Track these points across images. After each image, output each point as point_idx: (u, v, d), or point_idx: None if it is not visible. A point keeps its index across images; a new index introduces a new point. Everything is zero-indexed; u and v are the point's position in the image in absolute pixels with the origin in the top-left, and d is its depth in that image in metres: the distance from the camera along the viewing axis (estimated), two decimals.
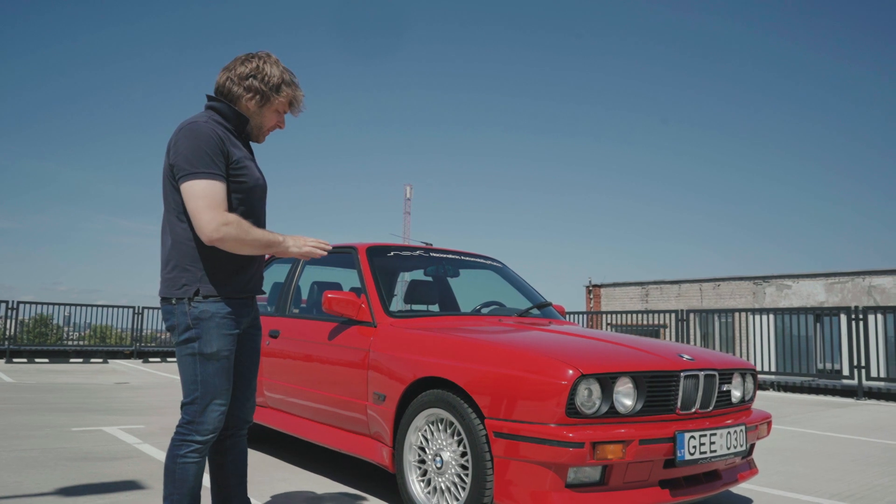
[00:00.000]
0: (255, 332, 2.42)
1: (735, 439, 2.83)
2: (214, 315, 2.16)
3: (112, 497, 3.12)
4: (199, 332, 2.15)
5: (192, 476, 2.16)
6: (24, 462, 3.79)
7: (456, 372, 2.76)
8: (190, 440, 2.16)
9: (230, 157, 2.19)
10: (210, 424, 2.17)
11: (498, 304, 4.13)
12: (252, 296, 2.34)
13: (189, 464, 2.15)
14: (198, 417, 2.16)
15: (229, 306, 2.20)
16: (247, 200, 2.26)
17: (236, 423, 2.38)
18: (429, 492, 2.85)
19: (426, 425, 2.90)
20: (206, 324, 2.15)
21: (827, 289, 19.46)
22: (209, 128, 2.17)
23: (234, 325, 2.22)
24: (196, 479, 2.18)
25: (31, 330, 15.98)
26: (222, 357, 2.18)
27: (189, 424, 2.16)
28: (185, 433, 2.16)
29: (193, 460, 2.16)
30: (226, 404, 2.21)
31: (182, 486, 2.15)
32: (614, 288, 24.54)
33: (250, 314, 2.34)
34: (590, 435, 2.41)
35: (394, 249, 4.00)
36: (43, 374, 10.03)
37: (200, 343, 2.15)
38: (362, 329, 3.40)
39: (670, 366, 2.71)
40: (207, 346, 2.15)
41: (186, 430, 2.17)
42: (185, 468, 2.15)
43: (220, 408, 2.19)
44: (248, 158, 2.29)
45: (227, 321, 2.19)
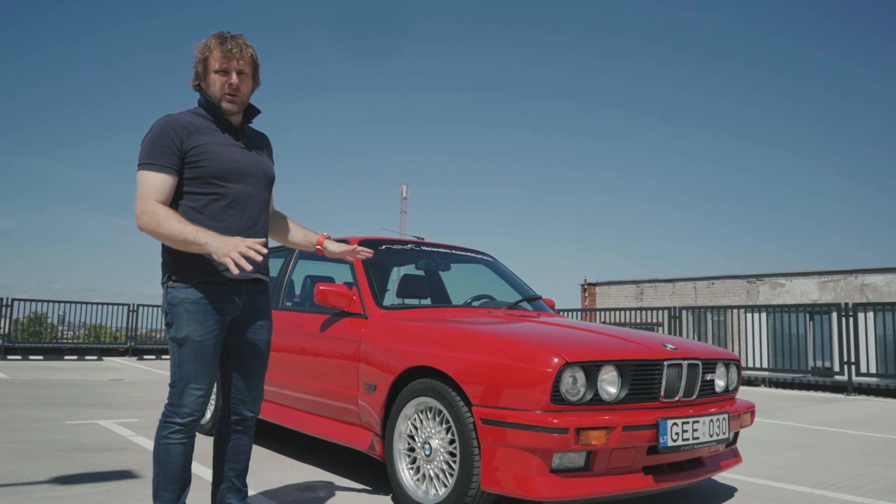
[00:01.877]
0: (257, 322, 2.41)
1: (718, 427, 2.89)
2: (184, 301, 2.22)
3: (107, 485, 3.17)
4: (172, 318, 2.23)
5: (174, 457, 2.21)
6: (19, 453, 3.84)
7: (444, 361, 2.81)
8: (171, 422, 2.22)
9: (185, 144, 2.22)
10: (187, 407, 2.22)
11: (488, 297, 4.19)
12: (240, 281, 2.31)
13: (172, 444, 2.21)
14: (177, 400, 2.22)
15: (202, 292, 2.23)
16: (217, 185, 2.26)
17: (237, 413, 2.42)
18: (418, 479, 2.91)
19: (415, 414, 2.95)
20: (176, 309, 2.22)
21: (820, 287, 19.58)
22: (166, 120, 2.24)
23: (210, 311, 2.23)
24: (179, 461, 2.22)
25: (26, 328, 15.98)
26: (194, 342, 2.21)
27: (171, 406, 2.23)
28: (168, 415, 2.24)
29: (175, 441, 2.21)
30: (204, 389, 2.24)
31: (166, 467, 2.21)
32: (609, 286, 24.63)
33: (241, 301, 2.33)
34: (574, 421, 2.47)
35: (385, 243, 4.06)
36: (37, 371, 10.05)
37: (174, 328, 2.22)
38: (354, 321, 3.45)
39: (654, 355, 2.77)
40: (178, 330, 2.21)
41: (168, 411, 2.24)
42: (167, 448, 2.21)
43: (196, 391, 2.22)
44: (222, 144, 2.29)
45: (197, 307, 2.22)
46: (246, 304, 2.36)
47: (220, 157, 2.27)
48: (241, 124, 2.39)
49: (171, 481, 2.21)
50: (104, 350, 14.35)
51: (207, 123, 2.30)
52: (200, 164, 2.23)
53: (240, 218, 2.32)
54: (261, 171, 2.40)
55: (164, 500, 2.21)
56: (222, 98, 2.28)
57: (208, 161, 2.24)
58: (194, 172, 2.24)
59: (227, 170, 2.28)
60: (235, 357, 2.39)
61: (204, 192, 2.26)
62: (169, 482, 2.21)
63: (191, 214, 2.23)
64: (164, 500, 2.21)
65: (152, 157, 2.19)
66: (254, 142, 2.44)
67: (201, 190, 2.25)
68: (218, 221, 2.25)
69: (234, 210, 2.30)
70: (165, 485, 2.21)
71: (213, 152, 2.26)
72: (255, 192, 2.38)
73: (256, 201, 2.38)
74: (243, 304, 2.35)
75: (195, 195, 2.25)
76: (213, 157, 2.25)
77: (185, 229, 2.12)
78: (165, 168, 2.19)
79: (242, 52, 2.27)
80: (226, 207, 2.28)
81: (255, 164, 2.38)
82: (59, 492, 3.03)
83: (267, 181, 2.44)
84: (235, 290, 2.32)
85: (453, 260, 4.44)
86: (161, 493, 2.21)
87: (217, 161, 2.26)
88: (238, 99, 2.30)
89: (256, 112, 2.42)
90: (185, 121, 2.25)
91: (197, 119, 2.28)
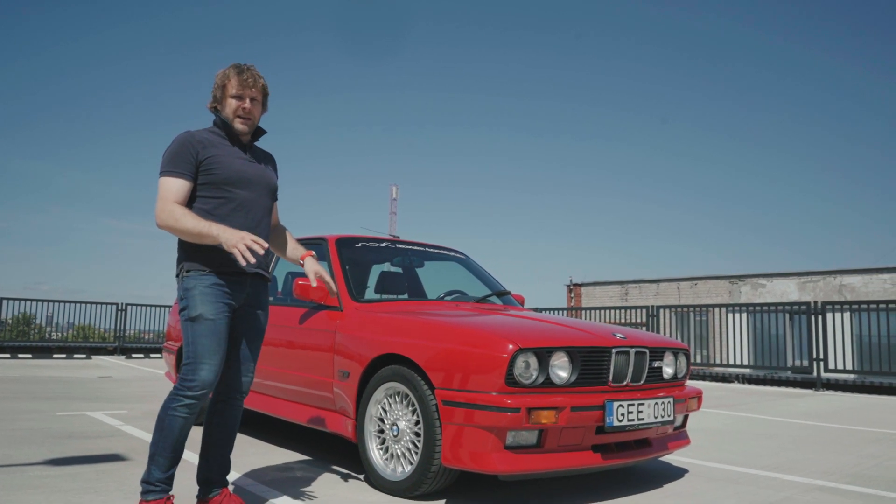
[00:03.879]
0: (256, 312, 2.72)
1: (663, 410, 3.14)
2: (197, 285, 2.51)
3: (97, 466, 3.38)
4: (187, 301, 2.51)
5: (177, 428, 2.44)
6: (12, 440, 4.04)
7: (410, 348, 3.05)
8: (181, 395, 2.44)
9: (201, 155, 2.54)
10: (199, 382, 2.45)
11: (460, 292, 4.42)
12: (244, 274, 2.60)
13: (177, 416, 2.44)
14: (189, 376, 2.45)
15: (214, 279, 2.52)
16: (226, 190, 2.57)
17: (228, 391, 2.68)
18: (387, 458, 3.14)
19: (385, 398, 3.18)
20: (191, 292, 2.50)
21: (800, 287, 19.95)
22: (186, 136, 2.57)
23: (221, 295, 2.52)
24: (180, 433, 2.45)
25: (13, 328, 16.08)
26: (207, 320, 2.47)
27: (183, 382, 2.46)
28: (179, 390, 2.46)
29: (181, 414, 2.44)
30: (216, 365, 2.48)
31: (168, 436, 2.44)
32: (595, 287, 24.94)
33: (245, 291, 2.62)
34: (526, 402, 2.71)
35: (362, 241, 4.29)
36: (26, 369, 10.20)
37: (188, 310, 2.50)
38: (330, 313, 3.68)
39: (602, 342, 3.02)
40: (193, 310, 2.48)
41: (180, 387, 2.46)
42: (172, 419, 2.44)
43: (208, 367, 2.46)
44: (232, 156, 2.61)
45: (210, 290, 2.50)
46: (249, 294, 2.66)
47: (229, 166, 2.59)
48: (250, 142, 2.72)
49: (168, 449, 2.44)
50: (93, 349, 14.50)
51: (221, 140, 2.63)
52: (212, 171, 2.55)
53: (245, 220, 2.61)
54: (264, 181, 2.71)
55: (159, 465, 2.43)
56: (235, 119, 2.62)
57: (219, 169, 2.56)
58: (207, 179, 2.55)
59: (234, 177, 2.59)
60: (236, 341, 2.66)
61: (214, 197, 2.56)
62: (167, 450, 2.43)
63: (202, 216, 2.51)
64: (159, 465, 2.43)
65: (172, 165, 2.51)
66: (260, 157, 2.77)
67: (212, 194, 2.56)
68: (225, 222, 2.53)
69: (240, 213, 2.60)
70: (163, 451, 2.43)
71: (223, 162, 2.58)
72: (259, 198, 2.68)
73: (259, 207, 2.68)
74: (247, 294, 2.65)
75: (206, 198, 2.56)
76: (224, 166, 2.57)
77: (200, 224, 2.43)
78: (183, 175, 2.51)
79: (255, 82, 2.62)
80: (233, 210, 2.58)
81: (260, 175, 2.69)
82: (51, 471, 3.24)
83: (269, 190, 2.74)
84: (242, 282, 2.61)
85: (427, 257, 4.67)
86: (157, 458, 2.43)
87: (227, 170, 2.58)
88: (249, 122, 2.65)
89: (263, 132, 2.75)
90: (201, 136, 2.59)
91: (212, 136, 2.62)
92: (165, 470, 2.44)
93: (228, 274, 2.55)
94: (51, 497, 2.79)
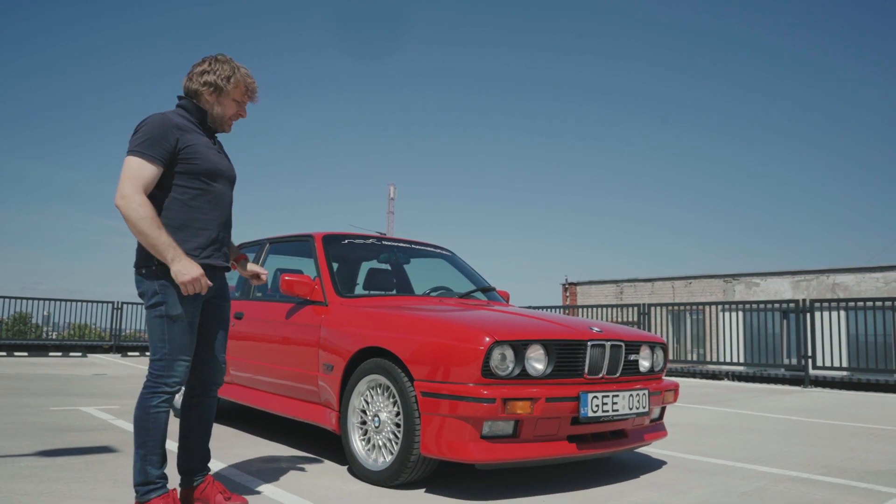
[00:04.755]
0: (223, 304, 2.76)
1: (637, 401, 3.22)
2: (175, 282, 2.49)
3: (87, 457, 3.46)
4: (164, 297, 2.49)
5: (162, 423, 2.49)
6: (5, 433, 4.12)
7: (391, 342, 3.13)
8: (160, 392, 2.49)
9: (180, 142, 2.52)
10: (177, 377, 2.51)
11: (446, 288, 4.51)
12: (214, 267, 2.64)
13: (161, 413, 2.48)
14: (166, 371, 2.49)
15: None
16: (205, 182, 2.59)
17: (204, 384, 2.73)
18: (369, 449, 3.22)
19: (367, 390, 3.26)
20: (169, 289, 2.49)
21: (793, 286, 20.06)
22: (164, 117, 2.53)
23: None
24: (165, 427, 2.50)
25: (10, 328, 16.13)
26: (184, 318, 2.51)
27: (158, 378, 2.50)
28: (155, 386, 2.49)
29: (164, 409, 2.49)
30: (189, 360, 2.55)
31: (155, 434, 2.47)
32: (590, 286, 25.05)
33: (215, 284, 2.66)
34: (502, 392, 2.79)
35: (348, 238, 4.37)
36: (22, 367, 10.27)
37: (167, 307, 2.49)
38: (315, 308, 3.76)
39: (578, 336, 3.10)
40: (173, 308, 2.49)
41: (155, 383, 2.50)
42: (157, 416, 2.47)
43: (185, 362, 2.53)
44: (206, 146, 2.63)
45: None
46: (215, 286, 2.69)
47: (206, 157, 2.60)
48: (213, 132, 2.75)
49: (158, 446, 2.47)
50: (89, 347, 14.57)
51: (193, 126, 2.63)
52: (192, 161, 2.54)
53: (219, 213, 2.65)
54: (231, 174, 2.75)
55: (154, 463, 2.45)
56: (227, 121, 2.72)
57: (198, 160, 2.56)
58: (185, 168, 2.54)
59: (212, 169, 2.61)
60: (207, 334, 2.69)
61: (192, 187, 2.56)
62: (157, 446, 2.46)
63: (178, 206, 2.53)
64: (154, 463, 2.45)
65: (149, 147, 2.44)
66: (220, 147, 2.80)
67: (189, 185, 2.56)
68: (202, 214, 2.58)
69: (215, 206, 2.63)
70: (154, 449, 2.46)
71: (201, 153, 2.58)
72: (227, 191, 2.72)
73: (229, 200, 2.74)
74: (215, 287, 2.68)
75: (184, 188, 2.55)
76: (202, 156, 2.58)
77: (162, 237, 2.39)
78: (156, 161, 2.45)
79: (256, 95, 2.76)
80: (208, 202, 2.61)
81: (228, 167, 2.74)
82: (42, 462, 3.32)
83: (233, 183, 2.78)
84: (212, 276, 2.64)
85: (413, 254, 4.76)
86: (149, 457, 2.45)
87: (205, 161, 2.59)
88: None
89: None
90: (178, 121, 2.56)
91: (184, 121, 2.60)
92: (160, 466, 2.47)
93: (205, 268, 2.57)
94: (40, 486, 2.86)
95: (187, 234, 2.55)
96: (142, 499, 2.42)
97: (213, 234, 2.64)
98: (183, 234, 2.53)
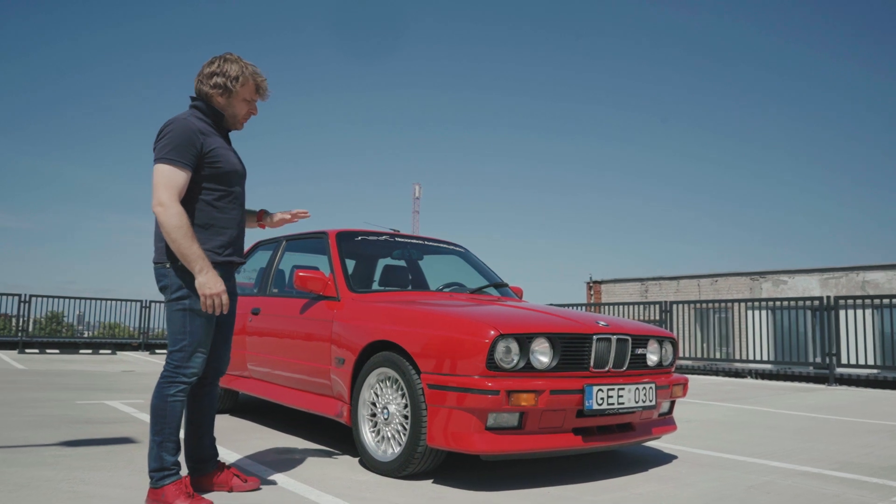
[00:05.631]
0: (233, 298, 2.86)
1: (644, 395, 3.24)
2: None
3: (108, 447, 3.58)
4: (189, 292, 2.58)
5: (178, 412, 2.58)
6: (32, 424, 4.26)
7: (399, 335, 3.19)
8: (178, 381, 2.58)
9: (205, 147, 2.62)
10: (195, 368, 2.61)
11: (459, 284, 4.56)
12: (232, 263, 2.75)
13: (177, 401, 2.58)
14: (184, 362, 2.59)
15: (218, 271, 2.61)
16: (228, 184, 2.71)
17: (213, 374, 2.85)
18: (378, 440, 3.28)
19: (377, 383, 3.33)
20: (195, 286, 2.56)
21: (822, 284, 19.74)
22: (187, 122, 2.62)
23: None
24: (181, 416, 2.60)
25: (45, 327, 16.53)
26: (207, 313, 2.60)
27: (176, 369, 2.59)
28: (173, 376, 2.58)
29: (181, 399, 2.59)
30: (206, 352, 2.65)
31: (172, 421, 2.56)
32: (614, 284, 24.89)
33: (230, 279, 2.78)
34: (506, 384, 2.84)
35: (361, 234, 4.44)
36: (53, 363, 10.54)
37: (191, 300, 2.58)
38: (328, 303, 3.84)
39: (584, 329, 3.13)
40: (197, 302, 2.57)
41: (174, 373, 2.59)
42: (174, 405, 2.57)
43: (203, 354, 2.63)
44: (224, 148, 2.74)
45: None
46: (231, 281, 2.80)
47: (228, 160, 2.71)
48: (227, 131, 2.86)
49: (174, 433, 2.56)
50: (118, 345, 14.90)
51: (211, 129, 2.72)
52: (216, 164, 2.65)
53: (239, 212, 2.78)
54: (244, 173, 2.86)
55: (169, 450, 2.54)
56: (240, 120, 2.81)
57: (221, 163, 2.67)
58: (210, 172, 2.64)
59: (232, 171, 2.73)
60: (218, 326, 2.79)
61: (215, 189, 2.67)
62: (173, 434, 2.56)
63: (203, 206, 2.63)
64: (169, 450, 2.54)
65: (179, 154, 2.53)
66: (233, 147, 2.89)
67: (213, 187, 2.67)
68: (225, 213, 2.70)
69: (236, 205, 2.76)
70: (171, 436, 2.55)
71: (223, 155, 2.69)
72: (244, 191, 2.85)
73: (244, 199, 2.86)
74: (231, 282, 2.80)
75: (210, 190, 2.66)
76: (224, 159, 2.68)
77: (193, 247, 2.49)
78: (187, 166, 2.56)
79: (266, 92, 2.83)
80: (230, 202, 2.73)
81: (242, 167, 2.85)
82: (65, 451, 3.44)
83: (244, 181, 2.88)
84: (229, 271, 2.76)
85: (427, 251, 4.81)
86: (165, 444, 2.54)
87: (228, 163, 2.70)
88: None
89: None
90: (199, 125, 2.65)
91: (203, 124, 2.69)
92: (174, 453, 2.56)
93: (220, 264, 2.67)
94: (60, 473, 2.98)
95: (211, 234, 2.66)
96: (156, 484, 2.51)
97: (234, 232, 2.75)
98: (207, 234, 2.65)
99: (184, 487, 2.51)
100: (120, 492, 2.71)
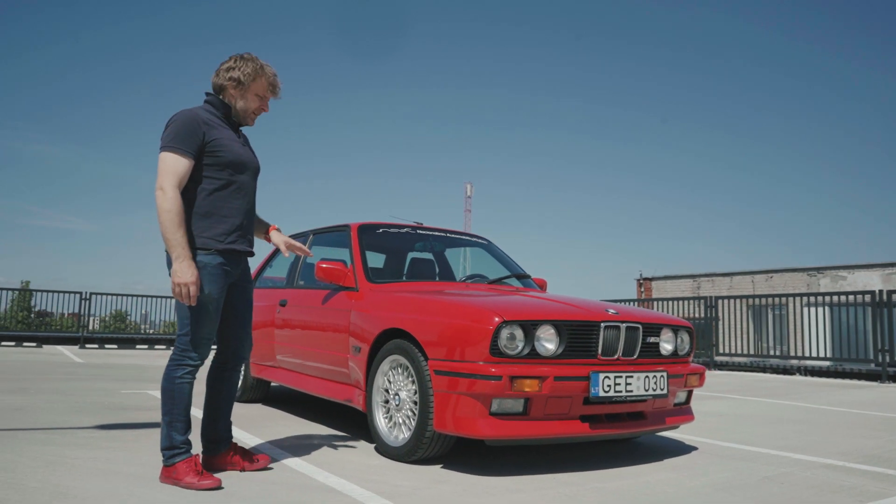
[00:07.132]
0: (247, 285, 2.98)
1: (655, 383, 3.22)
2: (207, 265, 2.71)
3: (138, 431, 3.75)
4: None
5: (186, 394, 2.71)
6: (74, 409, 4.50)
7: (409, 323, 3.26)
8: (185, 364, 2.71)
9: (207, 136, 2.73)
10: (203, 351, 2.73)
11: (480, 275, 4.59)
12: (239, 252, 2.84)
13: (185, 383, 2.70)
14: (191, 346, 2.71)
15: (220, 259, 2.74)
16: (231, 174, 2.80)
17: (235, 358, 2.96)
18: (391, 426, 3.36)
19: (390, 370, 3.40)
20: (201, 272, 2.68)
21: (884, 279, 18.97)
22: (192, 113, 2.75)
23: (224, 274, 2.76)
24: (189, 397, 2.72)
25: (109, 326, 17.22)
26: (213, 299, 2.72)
27: (184, 352, 2.71)
28: (180, 358, 2.71)
29: (188, 380, 2.71)
30: (213, 337, 2.77)
31: (180, 401, 2.69)
32: (665, 281, 24.43)
33: (240, 267, 2.88)
34: (510, 370, 2.87)
35: (383, 227, 4.52)
36: (110, 357, 11.00)
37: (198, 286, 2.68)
38: (348, 294, 3.93)
39: (591, 317, 3.13)
40: (203, 289, 2.68)
41: (181, 356, 2.72)
42: (182, 387, 2.70)
43: (209, 339, 2.75)
44: (231, 139, 2.84)
45: (217, 270, 2.73)
46: (242, 269, 2.91)
47: (231, 149, 2.81)
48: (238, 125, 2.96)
49: (183, 413, 2.69)
50: (173, 341, 15.38)
51: (219, 121, 2.85)
52: (218, 153, 2.76)
53: (243, 202, 2.86)
54: (255, 165, 2.96)
55: (178, 430, 2.67)
56: (251, 115, 2.91)
57: (224, 152, 2.77)
58: (212, 160, 2.76)
59: (236, 161, 2.82)
60: (233, 312, 2.91)
61: (218, 178, 2.78)
62: (182, 413, 2.69)
63: (205, 195, 2.74)
64: (178, 429, 2.67)
65: (180, 141, 2.65)
66: (245, 140, 3.00)
67: (216, 175, 2.77)
68: (228, 202, 2.79)
69: (240, 195, 2.85)
70: (180, 416, 2.68)
71: (226, 145, 2.80)
72: (251, 181, 2.93)
73: (252, 189, 2.94)
74: (240, 270, 2.90)
75: (212, 179, 2.77)
76: (227, 149, 2.79)
77: (177, 235, 2.59)
78: (189, 154, 2.68)
79: (279, 90, 2.94)
80: (234, 192, 2.82)
81: (252, 159, 2.94)
82: (98, 433, 3.63)
83: (257, 174, 2.98)
84: (240, 260, 2.87)
85: (450, 243, 4.87)
86: (175, 424, 2.67)
87: (231, 153, 2.80)
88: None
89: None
90: (204, 116, 2.78)
91: (210, 116, 2.82)
92: (184, 433, 2.68)
93: (230, 252, 2.78)
94: (88, 452, 3.15)
95: (213, 221, 2.76)
96: (167, 462, 2.63)
97: (238, 221, 2.84)
98: (209, 221, 2.75)
99: (193, 465, 2.62)
100: (137, 468, 2.85)
